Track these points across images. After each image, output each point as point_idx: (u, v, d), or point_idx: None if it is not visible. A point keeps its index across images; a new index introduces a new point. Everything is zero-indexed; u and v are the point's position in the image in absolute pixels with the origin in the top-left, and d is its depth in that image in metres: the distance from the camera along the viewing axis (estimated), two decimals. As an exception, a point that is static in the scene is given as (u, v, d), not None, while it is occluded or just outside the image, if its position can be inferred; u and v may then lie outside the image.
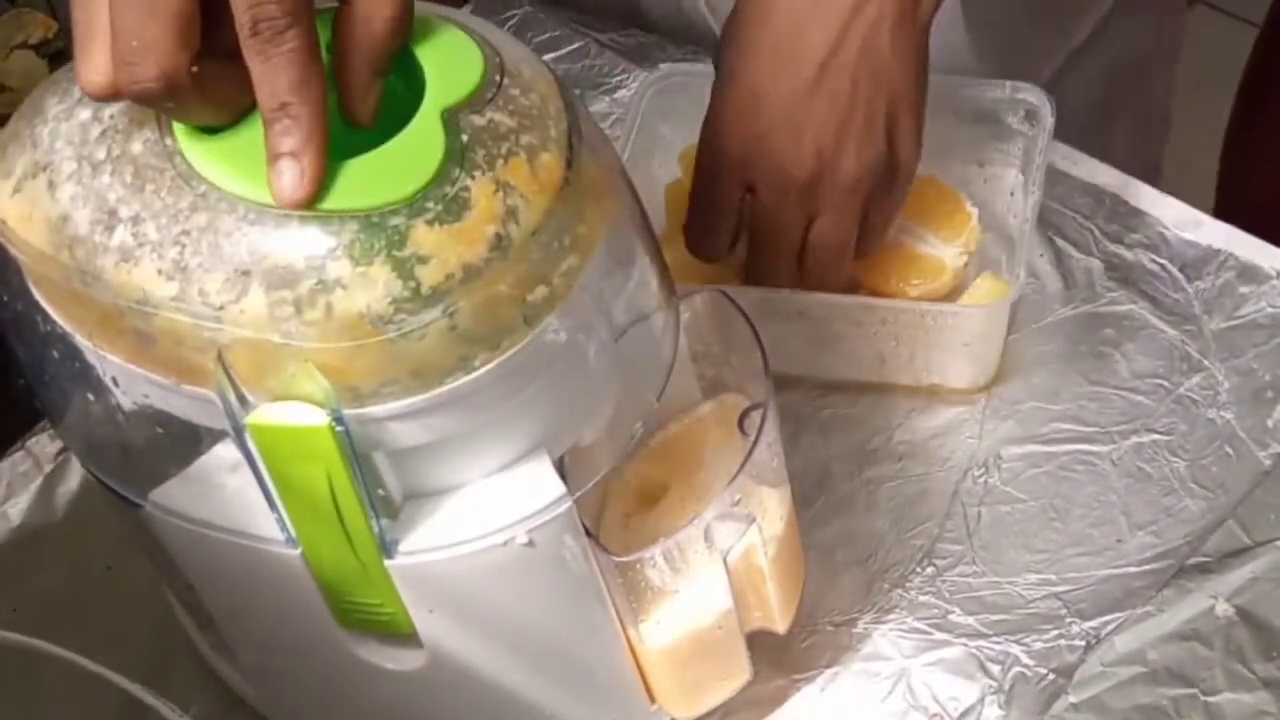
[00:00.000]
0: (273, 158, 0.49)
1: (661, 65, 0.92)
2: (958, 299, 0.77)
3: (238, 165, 0.50)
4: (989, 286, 0.77)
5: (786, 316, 0.76)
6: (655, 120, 0.84)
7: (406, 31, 0.52)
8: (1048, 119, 0.78)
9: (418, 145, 0.50)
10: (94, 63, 0.48)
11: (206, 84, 0.49)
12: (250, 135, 0.50)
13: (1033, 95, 0.80)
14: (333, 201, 0.49)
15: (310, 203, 0.49)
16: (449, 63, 0.52)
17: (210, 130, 0.51)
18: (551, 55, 0.97)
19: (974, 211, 0.79)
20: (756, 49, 0.71)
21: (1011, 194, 0.81)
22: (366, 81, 0.51)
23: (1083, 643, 0.68)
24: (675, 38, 0.96)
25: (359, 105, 0.51)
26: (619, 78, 0.95)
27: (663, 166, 0.84)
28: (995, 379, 0.78)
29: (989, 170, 0.83)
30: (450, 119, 0.50)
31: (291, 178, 0.49)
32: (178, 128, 0.51)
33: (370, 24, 0.50)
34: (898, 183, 0.73)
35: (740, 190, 0.73)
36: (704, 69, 0.93)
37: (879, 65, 0.70)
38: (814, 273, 0.74)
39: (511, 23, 1.00)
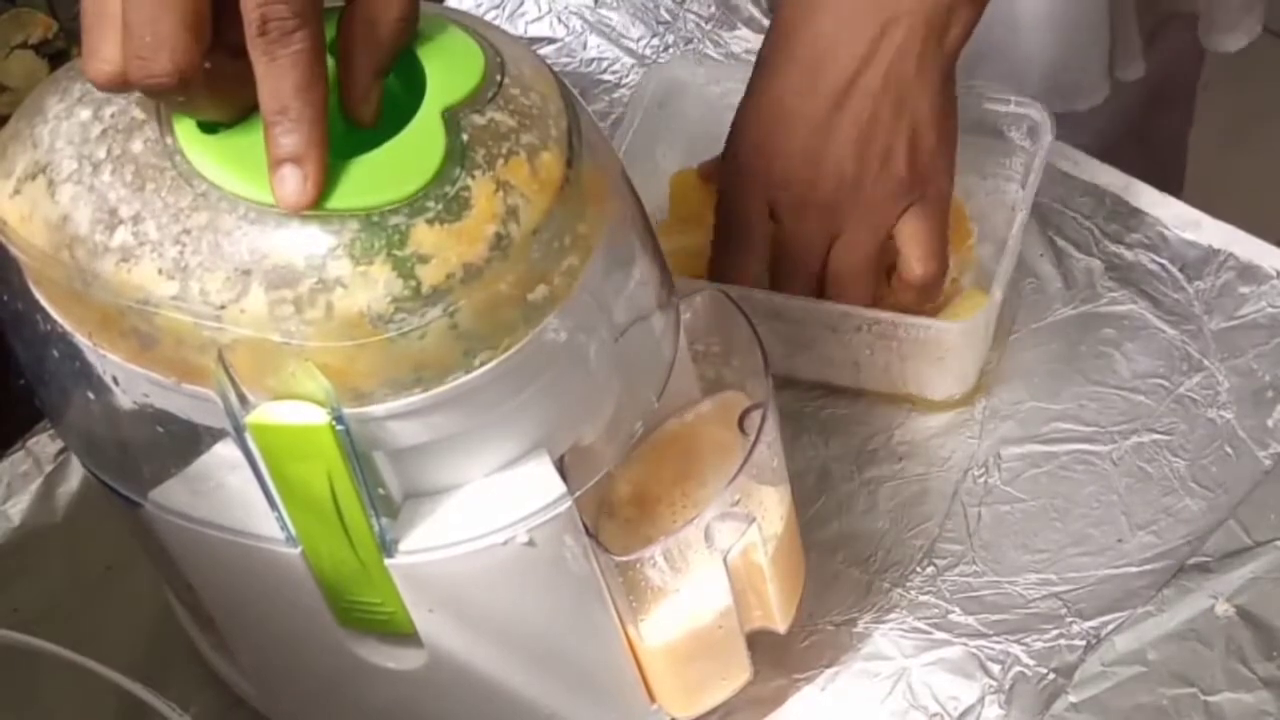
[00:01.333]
0: (274, 162, 0.49)
1: (665, 56, 0.93)
2: (945, 309, 0.77)
3: (238, 165, 0.50)
4: (977, 301, 0.76)
5: (765, 316, 0.75)
6: (659, 109, 0.84)
7: (411, 32, 0.52)
8: (1046, 136, 0.78)
9: (418, 145, 0.50)
10: (103, 53, 0.48)
11: (217, 80, 0.49)
12: (253, 134, 0.50)
13: (1034, 111, 0.79)
14: (334, 201, 0.49)
15: (313, 206, 0.49)
16: (449, 62, 0.52)
17: (211, 129, 0.51)
18: (549, 49, 0.97)
19: (974, 228, 0.79)
20: (785, 70, 0.72)
21: (1012, 208, 0.81)
22: (369, 82, 0.51)
23: (1083, 642, 0.68)
24: None
25: (361, 106, 0.52)
26: (618, 76, 0.95)
27: (666, 156, 0.84)
28: (977, 389, 0.77)
29: (990, 183, 0.82)
30: (450, 118, 0.50)
31: (294, 183, 0.49)
32: (179, 126, 0.51)
33: (375, 25, 0.51)
34: (927, 208, 0.73)
35: (764, 208, 0.73)
36: (708, 59, 0.93)
37: (903, 91, 0.71)
38: (834, 295, 0.74)
39: (505, 3, 1.00)
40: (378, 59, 0.51)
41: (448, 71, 0.52)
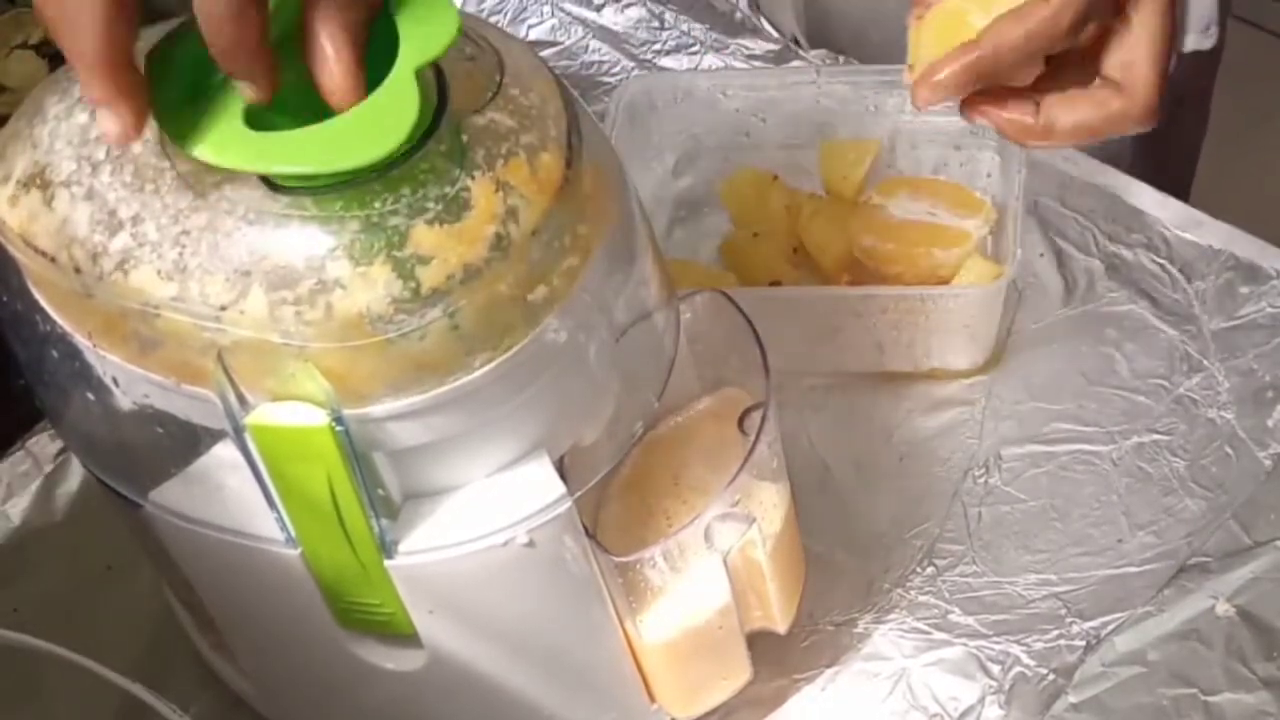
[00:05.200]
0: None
1: (665, 60, 0.93)
2: (952, 280, 0.78)
3: (209, 133, 0.49)
4: (979, 268, 0.77)
5: (787, 313, 0.76)
6: (629, 130, 0.84)
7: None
8: None
9: (390, 106, 0.49)
10: None
11: None
12: (222, 104, 0.50)
13: None
14: (310, 162, 0.48)
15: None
16: (422, 22, 0.51)
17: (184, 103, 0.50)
18: (550, 52, 0.97)
19: (986, 199, 0.79)
20: None
21: (988, 175, 0.82)
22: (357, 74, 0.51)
23: (1083, 643, 0.68)
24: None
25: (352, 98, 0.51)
26: (618, 78, 0.95)
27: (638, 175, 0.84)
28: (992, 365, 0.78)
29: (964, 154, 0.83)
30: (450, 116, 0.50)
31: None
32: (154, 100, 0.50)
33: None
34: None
35: None
36: (681, 72, 0.94)
37: None
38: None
39: (506, 9, 1.00)
40: (355, 44, 0.50)
41: (420, 30, 0.50)
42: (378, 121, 0.49)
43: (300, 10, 0.50)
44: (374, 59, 0.51)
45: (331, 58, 0.50)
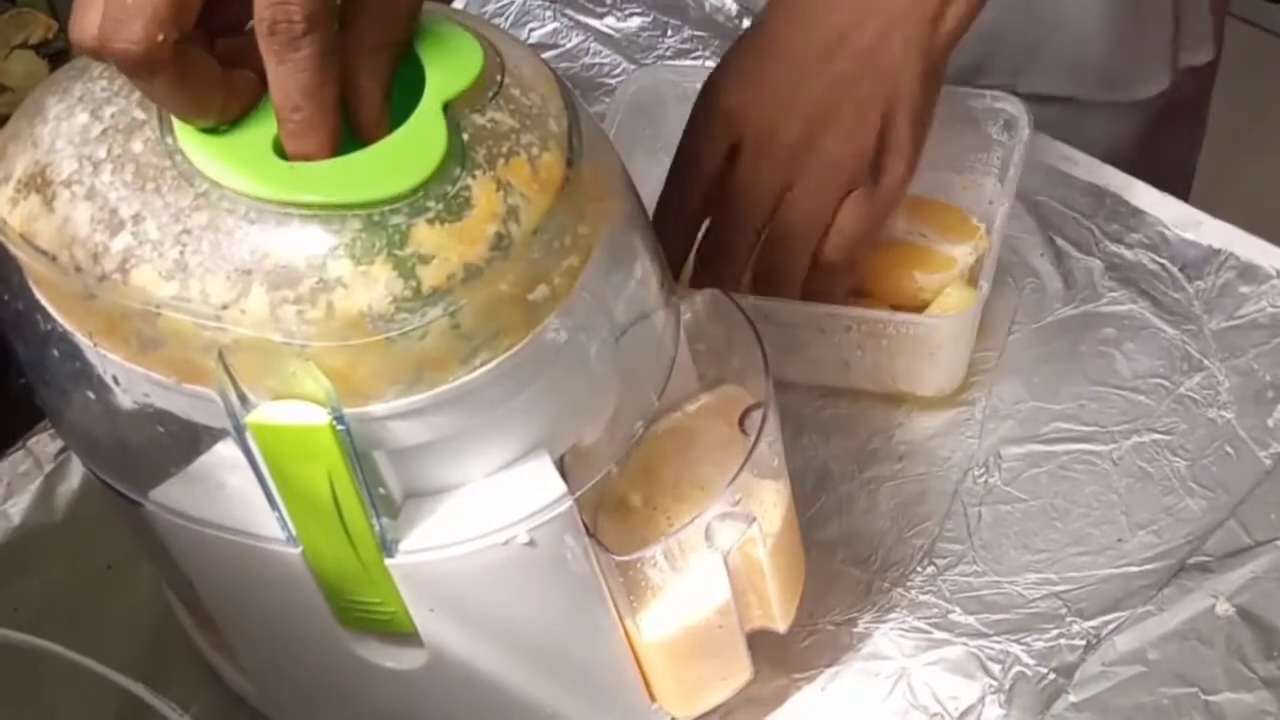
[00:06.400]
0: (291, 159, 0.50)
1: (647, 64, 0.93)
2: (933, 305, 0.77)
3: (238, 163, 0.50)
4: (959, 295, 0.76)
5: (754, 320, 0.75)
6: (635, 121, 0.84)
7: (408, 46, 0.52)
8: (1024, 130, 0.78)
9: (419, 140, 0.50)
10: (89, 17, 0.48)
11: (190, 71, 0.49)
12: (251, 133, 0.50)
13: (1010, 105, 0.79)
14: (335, 195, 0.49)
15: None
16: (448, 57, 0.52)
17: (211, 130, 0.51)
18: (551, 54, 0.97)
19: (981, 225, 0.79)
20: (784, 10, 0.72)
21: (990, 202, 0.81)
22: (380, 107, 0.52)
23: (1083, 642, 0.68)
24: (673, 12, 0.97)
25: (376, 129, 0.51)
26: (619, 79, 0.95)
27: (643, 167, 0.84)
28: (965, 386, 0.78)
29: (968, 178, 0.82)
30: (450, 114, 0.50)
31: None
32: (178, 126, 0.51)
33: (380, 50, 0.51)
34: (880, 191, 0.72)
35: (723, 144, 0.72)
36: (689, 67, 0.93)
37: (888, 64, 0.70)
38: (776, 248, 0.73)
39: (508, 13, 1.00)
40: (385, 83, 0.51)
41: (446, 66, 0.52)
42: (406, 154, 0.50)
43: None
44: (401, 93, 0.52)
45: (365, 95, 0.51)
